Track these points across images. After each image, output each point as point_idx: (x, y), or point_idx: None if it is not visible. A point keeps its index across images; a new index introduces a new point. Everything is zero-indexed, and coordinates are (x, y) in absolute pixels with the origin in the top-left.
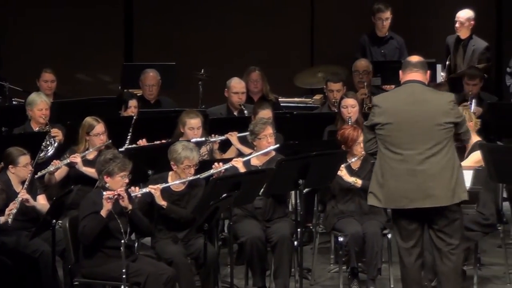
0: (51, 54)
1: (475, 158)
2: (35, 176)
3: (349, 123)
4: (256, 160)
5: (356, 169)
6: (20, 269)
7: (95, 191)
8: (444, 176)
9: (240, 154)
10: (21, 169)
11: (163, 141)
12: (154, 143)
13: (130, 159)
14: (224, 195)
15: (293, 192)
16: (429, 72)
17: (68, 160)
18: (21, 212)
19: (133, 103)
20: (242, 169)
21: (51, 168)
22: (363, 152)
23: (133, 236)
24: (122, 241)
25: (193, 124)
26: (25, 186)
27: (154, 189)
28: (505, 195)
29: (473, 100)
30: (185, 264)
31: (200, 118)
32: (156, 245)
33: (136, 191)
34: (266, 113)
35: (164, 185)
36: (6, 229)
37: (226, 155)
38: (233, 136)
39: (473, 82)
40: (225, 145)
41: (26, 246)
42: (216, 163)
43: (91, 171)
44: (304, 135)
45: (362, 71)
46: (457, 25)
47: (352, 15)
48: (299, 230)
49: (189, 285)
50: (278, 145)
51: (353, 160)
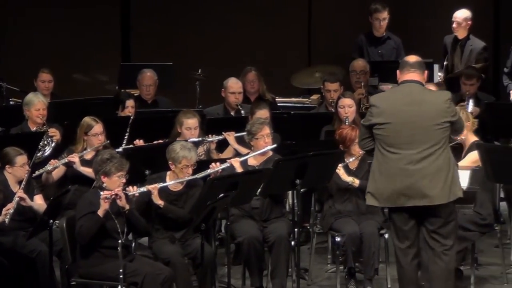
0: (48, 54)
1: (472, 158)
2: (33, 175)
3: (346, 123)
4: (253, 160)
5: (354, 169)
6: (17, 269)
7: (92, 191)
8: (441, 175)
9: (237, 154)
10: (18, 169)
11: (160, 141)
12: (152, 143)
13: (127, 159)
14: (221, 195)
15: (290, 192)
16: (426, 72)
17: (66, 160)
18: (18, 212)
19: (130, 103)
20: (239, 169)
21: (48, 167)
22: (361, 152)
23: (130, 236)
24: (119, 241)
25: (190, 124)
26: (22, 186)
27: (152, 188)
28: (502, 195)
29: (470, 100)
30: (182, 264)
31: (197, 118)
32: (153, 245)
33: (134, 190)
34: (263, 113)
35: (162, 184)
36: (3, 229)
37: (223, 155)
38: (230, 136)
39: (470, 82)
40: (222, 145)
41: (23, 246)
42: (213, 163)
43: (88, 171)
44: (301, 135)
45: (359, 71)
46: (454, 25)
47: (349, 15)
48: (296, 230)
49: (186, 285)
50: (275, 145)
51: (350, 160)
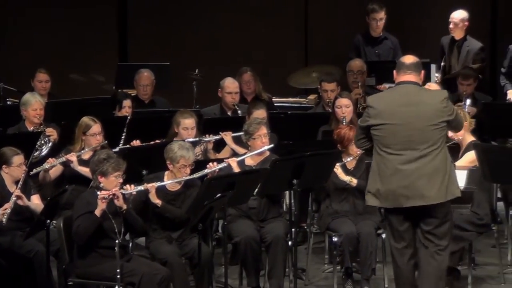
0: (45, 54)
1: (469, 158)
2: (30, 173)
3: (343, 123)
4: (250, 160)
5: (351, 169)
6: (14, 269)
7: (89, 191)
8: (438, 176)
9: (235, 154)
10: (14, 169)
11: (157, 141)
12: (149, 143)
13: (124, 159)
14: (218, 195)
15: (287, 192)
16: (423, 72)
17: (63, 159)
18: (16, 212)
19: (127, 103)
20: (236, 169)
21: (46, 165)
22: (358, 152)
23: (127, 236)
24: (117, 241)
25: (187, 124)
26: (19, 186)
27: (150, 187)
28: (499, 195)
29: (468, 100)
30: (179, 264)
31: (194, 118)
32: (150, 245)
33: (131, 189)
34: (260, 113)
35: (159, 183)
36: (0, 229)
37: (221, 155)
38: (228, 136)
39: (467, 82)
40: (219, 145)
41: (21, 246)
42: (210, 163)
43: (85, 171)
44: (298, 135)
45: (356, 71)
46: (451, 26)
47: (346, 15)
48: (293, 230)
49: (184, 285)
50: (272, 145)
51: (348, 159)
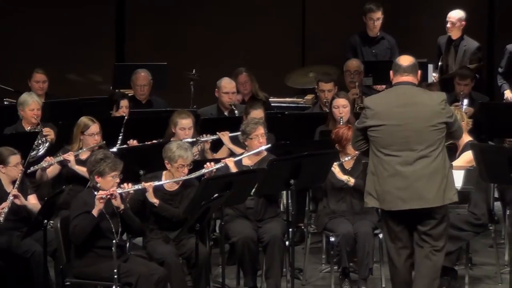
0: (42, 54)
1: (466, 158)
2: (28, 171)
3: (341, 123)
4: (247, 160)
5: (349, 169)
6: (11, 269)
7: (87, 191)
8: (436, 178)
9: (232, 154)
10: (11, 168)
11: (155, 141)
12: (146, 143)
13: (122, 159)
14: (216, 195)
15: (284, 192)
16: (420, 72)
17: (61, 158)
18: (13, 212)
19: (124, 103)
20: (233, 169)
21: (43, 164)
22: (356, 152)
23: (124, 236)
24: (114, 241)
25: (184, 124)
26: (16, 186)
27: (147, 186)
28: (496, 195)
29: (465, 100)
30: (176, 264)
31: (192, 118)
32: (147, 245)
33: (129, 187)
34: (258, 113)
35: (157, 183)
36: None
37: (218, 155)
38: (225, 136)
39: (464, 82)
40: (216, 145)
41: (18, 246)
42: (207, 163)
43: (83, 170)
44: (295, 135)
45: (353, 71)
46: (448, 25)
47: (343, 15)
48: (290, 230)
49: (181, 285)
50: (269, 145)
51: (346, 159)
